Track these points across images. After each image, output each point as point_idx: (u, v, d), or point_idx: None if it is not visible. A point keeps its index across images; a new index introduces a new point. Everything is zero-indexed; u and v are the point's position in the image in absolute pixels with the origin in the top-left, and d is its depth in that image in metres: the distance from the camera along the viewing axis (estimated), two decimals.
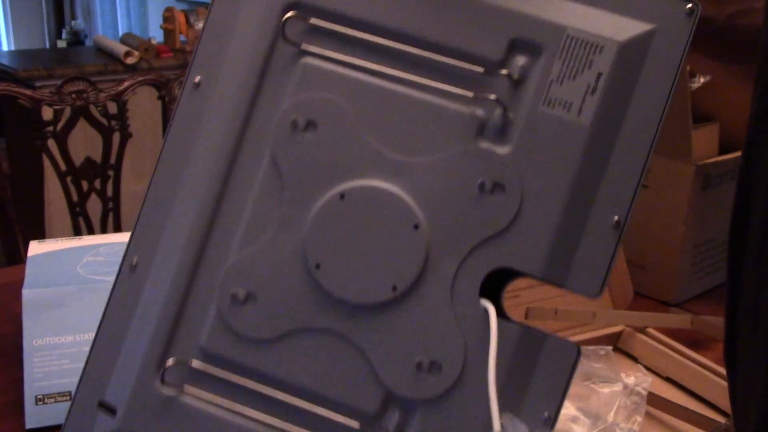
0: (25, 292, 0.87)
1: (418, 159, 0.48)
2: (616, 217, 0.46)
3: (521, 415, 0.46)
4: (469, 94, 0.48)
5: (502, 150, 0.48)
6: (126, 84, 1.80)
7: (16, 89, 1.70)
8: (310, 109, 0.49)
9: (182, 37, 3.10)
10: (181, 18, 3.06)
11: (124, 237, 1.03)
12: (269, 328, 0.49)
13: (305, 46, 0.50)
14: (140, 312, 0.51)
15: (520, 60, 0.48)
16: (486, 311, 0.47)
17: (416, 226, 0.48)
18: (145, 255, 0.52)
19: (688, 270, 1.07)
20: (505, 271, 0.48)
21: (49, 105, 1.73)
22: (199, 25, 3.02)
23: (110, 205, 1.85)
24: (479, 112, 0.48)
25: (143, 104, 2.26)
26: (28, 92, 1.70)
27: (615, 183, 0.46)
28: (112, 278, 0.90)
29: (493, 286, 0.49)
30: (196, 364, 0.50)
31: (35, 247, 0.97)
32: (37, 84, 2.47)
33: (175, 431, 0.49)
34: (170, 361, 0.50)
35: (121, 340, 0.52)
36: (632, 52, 0.46)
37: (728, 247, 0.54)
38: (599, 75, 0.46)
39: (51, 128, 1.75)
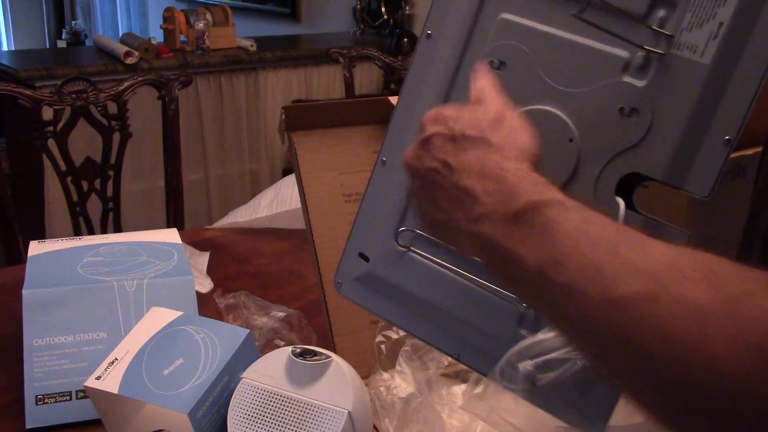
0: (25, 292, 0.87)
1: (577, 89, 0.62)
2: (727, 136, 0.57)
3: None
4: (619, 37, 0.60)
5: (640, 83, 0.60)
6: (126, 84, 1.80)
7: (16, 89, 1.70)
8: (502, 52, 0.66)
9: (182, 37, 3.10)
10: (181, 18, 3.06)
11: (124, 237, 1.04)
12: None
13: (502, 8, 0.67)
14: (386, 194, 0.72)
15: (660, 13, 0.59)
16: (618, 205, 0.61)
17: (571, 140, 0.62)
18: (391, 155, 0.72)
19: None
20: (635, 175, 0.61)
21: (49, 105, 1.73)
22: (200, 24, 3.02)
23: (110, 205, 1.85)
24: (625, 53, 0.61)
25: (143, 104, 2.26)
26: (28, 92, 1.70)
27: (728, 109, 0.57)
28: (112, 278, 0.91)
29: (627, 187, 0.62)
30: (419, 230, 0.69)
31: (35, 247, 0.97)
32: (37, 84, 2.47)
33: (403, 274, 0.71)
34: (402, 228, 0.71)
35: (374, 214, 0.73)
36: (751, 3, 0.55)
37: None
38: (721, 24, 0.56)
39: (51, 128, 1.75)
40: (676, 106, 0.58)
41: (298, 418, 0.72)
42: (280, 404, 0.73)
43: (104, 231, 1.85)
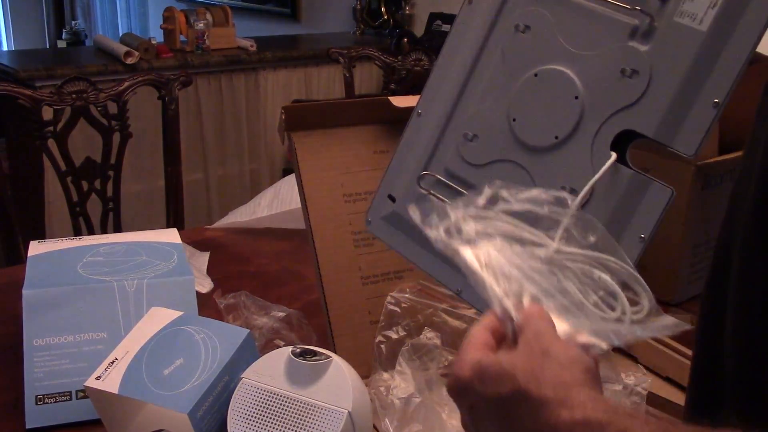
0: (25, 293, 0.87)
1: (586, 52, 0.69)
2: (716, 99, 0.62)
3: (624, 233, 0.66)
4: (627, 6, 0.67)
5: (643, 47, 0.66)
6: (126, 84, 1.80)
7: (16, 89, 1.70)
8: (528, 17, 0.73)
9: (182, 37, 3.09)
10: (181, 18, 3.06)
11: (124, 237, 1.04)
12: (482, 157, 0.75)
13: None
14: (417, 142, 0.80)
15: None
16: (611, 156, 0.66)
17: (576, 97, 0.69)
18: (425, 107, 0.80)
19: (688, 270, 1.07)
20: (630, 132, 0.67)
21: (49, 105, 1.73)
22: (200, 24, 3.02)
23: (110, 205, 1.85)
24: (632, 20, 0.66)
25: (143, 104, 2.26)
26: (28, 92, 1.70)
27: (719, 75, 0.62)
28: (112, 278, 0.91)
29: (621, 144, 0.68)
30: (440, 176, 0.79)
31: (35, 247, 0.97)
32: (37, 84, 2.47)
33: (423, 212, 0.73)
34: (424, 173, 0.79)
35: (405, 159, 0.81)
36: None
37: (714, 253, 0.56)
38: None
39: (51, 128, 1.75)
40: (672, 69, 0.64)
41: (298, 418, 0.72)
42: (280, 404, 0.73)
43: (104, 231, 1.85)
